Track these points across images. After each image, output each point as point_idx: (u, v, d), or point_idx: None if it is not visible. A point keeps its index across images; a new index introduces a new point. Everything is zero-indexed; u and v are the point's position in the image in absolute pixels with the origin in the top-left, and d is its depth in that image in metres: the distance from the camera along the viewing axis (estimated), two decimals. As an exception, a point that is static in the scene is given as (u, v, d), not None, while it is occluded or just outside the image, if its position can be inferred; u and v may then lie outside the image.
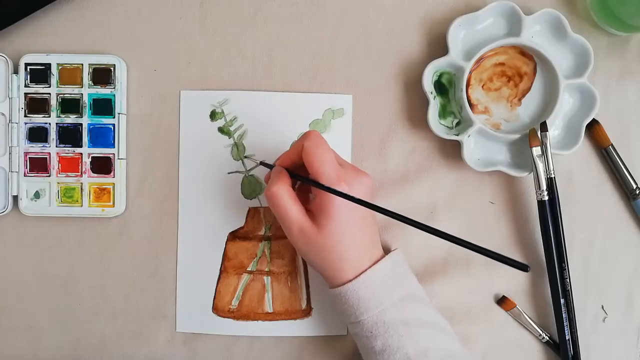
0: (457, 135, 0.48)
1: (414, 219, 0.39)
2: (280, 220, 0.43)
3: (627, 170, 0.49)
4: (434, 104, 0.48)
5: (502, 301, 0.50)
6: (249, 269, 0.50)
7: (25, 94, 0.49)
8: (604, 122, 0.49)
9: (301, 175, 0.43)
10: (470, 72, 0.48)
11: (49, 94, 0.49)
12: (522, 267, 0.36)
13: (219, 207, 0.50)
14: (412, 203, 0.50)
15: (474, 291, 0.50)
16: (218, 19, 0.50)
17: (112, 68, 0.49)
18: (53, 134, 0.49)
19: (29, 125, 0.49)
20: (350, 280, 0.42)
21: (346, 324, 0.46)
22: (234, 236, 0.50)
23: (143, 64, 0.50)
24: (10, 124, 0.49)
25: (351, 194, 0.40)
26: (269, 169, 0.46)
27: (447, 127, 0.49)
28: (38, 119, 0.49)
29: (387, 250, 0.46)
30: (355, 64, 0.50)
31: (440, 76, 0.48)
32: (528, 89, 0.49)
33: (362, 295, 0.42)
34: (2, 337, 0.50)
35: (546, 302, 0.50)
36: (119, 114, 0.49)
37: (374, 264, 0.43)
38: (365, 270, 0.43)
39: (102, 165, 0.49)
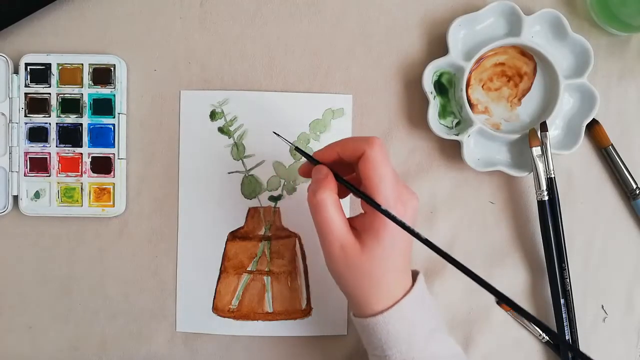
0: (457, 135, 0.48)
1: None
2: (320, 233, 0.39)
3: (627, 170, 0.49)
4: (434, 104, 0.48)
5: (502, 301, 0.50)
6: (249, 268, 0.50)
7: (26, 94, 0.49)
8: (604, 122, 0.49)
9: (353, 186, 0.39)
10: (470, 72, 0.48)
11: (49, 94, 0.49)
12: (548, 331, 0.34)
13: (219, 207, 0.50)
14: (412, 203, 0.50)
15: (474, 291, 0.50)
16: (218, 19, 0.50)
17: (112, 68, 0.49)
18: (53, 134, 0.49)
19: (29, 125, 0.49)
20: (382, 312, 0.39)
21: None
22: (234, 236, 0.50)
23: (143, 64, 0.50)
24: (10, 124, 0.49)
25: (405, 217, 0.37)
26: (309, 161, 0.41)
27: (447, 127, 0.49)
28: (38, 119, 0.49)
29: None
30: (355, 64, 0.50)
31: (440, 76, 0.48)
32: (528, 89, 0.49)
33: (392, 329, 0.39)
34: (2, 337, 0.50)
35: (546, 302, 0.50)
36: (119, 114, 0.49)
37: (406, 293, 0.40)
38: (399, 301, 0.39)
39: (102, 165, 0.49)
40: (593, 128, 0.49)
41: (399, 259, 0.39)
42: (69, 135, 0.49)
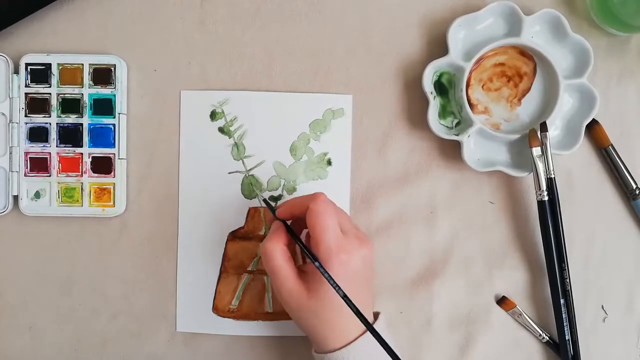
0: (457, 135, 0.48)
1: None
2: (271, 279, 0.43)
3: (627, 170, 0.49)
4: (434, 104, 0.48)
5: (502, 301, 0.50)
6: (249, 269, 0.50)
7: (26, 94, 0.49)
8: (604, 122, 0.49)
9: (299, 239, 0.42)
10: (470, 72, 0.48)
11: (50, 94, 0.49)
12: None
13: (219, 207, 0.50)
14: (412, 203, 0.50)
15: (474, 291, 0.50)
16: (218, 19, 0.50)
17: (112, 68, 0.49)
18: (53, 134, 0.49)
19: (29, 125, 0.49)
20: (336, 350, 0.41)
21: None
22: (234, 236, 0.50)
23: (143, 64, 0.50)
24: (10, 124, 0.49)
25: (350, 264, 0.40)
26: (272, 214, 0.44)
27: (447, 127, 0.49)
28: (38, 119, 0.49)
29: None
30: (355, 64, 0.50)
31: (440, 76, 0.48)
32: (528, 89, 0.49)
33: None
34: (2, 337, 0.50)
35: (546, 302, 0.50)
36: (119, 114, 0.49)
37: (362, 334, 0.41)
38: (352, 342, 0.41)
39: (103, 165, 0.49)
40: (593, 128, 0.49)
41: (352, 295, 0.40)
42: (69, 135, 0.49)
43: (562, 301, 0.48)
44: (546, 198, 0.47)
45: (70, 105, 0.49)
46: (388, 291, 0.50)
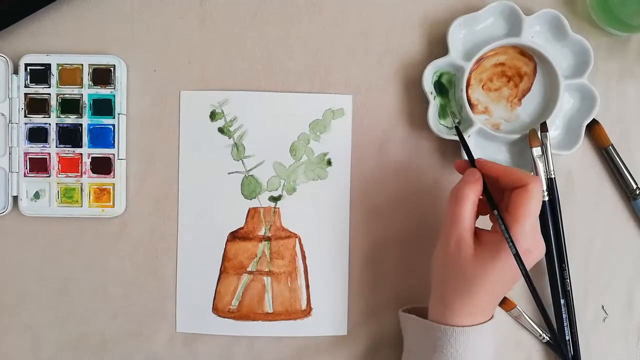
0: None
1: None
2: (447, 222, 0.42)
3: (627, 170, 0.49)
4: (434, 104, 0.48)
5: (502, 301, 0.50)
6: (249, 269, 0.50)
7: (25, 94, 0.49)
8: (604, 122, 0.49)
9: (497, 205, 0.41)
10: (470, 72, 0.48)
11: (49, 94, 0.49)
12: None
13: (219, 207, 0.50)
14: (412, 203, 0.50)
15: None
16: (218, 19, 0.50)
17: (112, 68, 0.49)
18: (53, 135, 0.49)
19: (29, 126, 0.49)
20: (474, 325, 0.41)
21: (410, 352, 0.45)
22: (234, 236, 0.50)
23: (143, 64, 0.50)
24: (10, 124, 0.49)
25: (528, 258, 0.40)
26: (469, 160, 0.44)
27: (447, 127, 0.49)
28: (38, 120, 0.49)
29: None
30: (355, 64, 0.50)
31: (440, 76, 0.48)
32: (528, 89, 0.49)
33: (478, 345, 0.41)
34: (2, 337, 0.50)
35: (546, 302, 0.50)
36: (119, 114, 0.49)
37: (488, 320, 0.42)
38: (487, 321, 0.42)
39: (102, 166, 0.49)
40: (593, 128, 0.49)
41: (499, 287, 0.41)
42: (69, 136, 0.49)
43: (562, 301, 0.48)
44: (546, 198, 0.47)
45: (70, 105, 0.49)
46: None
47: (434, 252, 0.44)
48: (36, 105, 0.49)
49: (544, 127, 0.47)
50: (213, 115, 0.50)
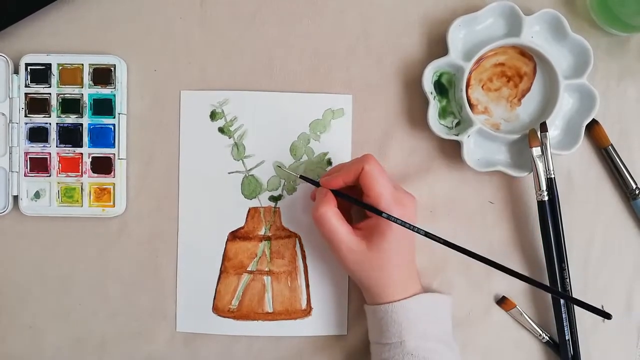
0: (457, 135, 0.48)
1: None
2: (328, 241, 0.44)
3: (627, 170, 0.49)
4: (434, 104, 0.48)
5: (502, 301, 0.50)
6: (249, 268, 0.50)
7: (26, 94, 0.49)
8: (604, 122, 0.49)
9: (353, 198, 0.44)
10: (470, 73, 0.48)
11: (50, 94, 0.49)
12: (603, 315, 0.39)
13: (219, 207, 0.50)
14: (412, 203, 0.50)
15: (474, 291, 0.50)
16: (218, 19, 0.50)
17: (112, 68, 0.49)
18: (53, 134, 0.49)
19: (29, 125, 0.49)
20: (391, 302, 0.44)
21: (373, 343, 0.46)
22: (234, 236, 0.50)
23: (143, 64, 0.50)
24: (10, 124, 0.49)
25: (405, 216, 0.43)
26: (314, 186, 0.46)
27: (447, 127, 0.49)
28: (38, 119, 0.49)
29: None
30: (355, 64, 0.50)
31: (440, 76, 0.48)
32: (528, 89, 0.49)
33: (412, 316, 0.44)
34: (2, 337, 0.50)
35: (546, 302, 0.50)
36: (119, 114, 0.49)
37: (417, 293, 0.45)
38: (408, 297, 0.44)
39: (103, 165, 0.49)
40: (593, 128, 0.49)
41: (406, 254, 0.45)
42: (69, 136, 0.49)
43: (562, 301, 0.48)
44: (546, 198, 0.47)
45: (70, 105, 0.49)
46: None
47: (342, 268, 0.46)
48: (36, 105, 0.49)
49: (543, 127, 0.47)
50: (213, 115, 0.50)
